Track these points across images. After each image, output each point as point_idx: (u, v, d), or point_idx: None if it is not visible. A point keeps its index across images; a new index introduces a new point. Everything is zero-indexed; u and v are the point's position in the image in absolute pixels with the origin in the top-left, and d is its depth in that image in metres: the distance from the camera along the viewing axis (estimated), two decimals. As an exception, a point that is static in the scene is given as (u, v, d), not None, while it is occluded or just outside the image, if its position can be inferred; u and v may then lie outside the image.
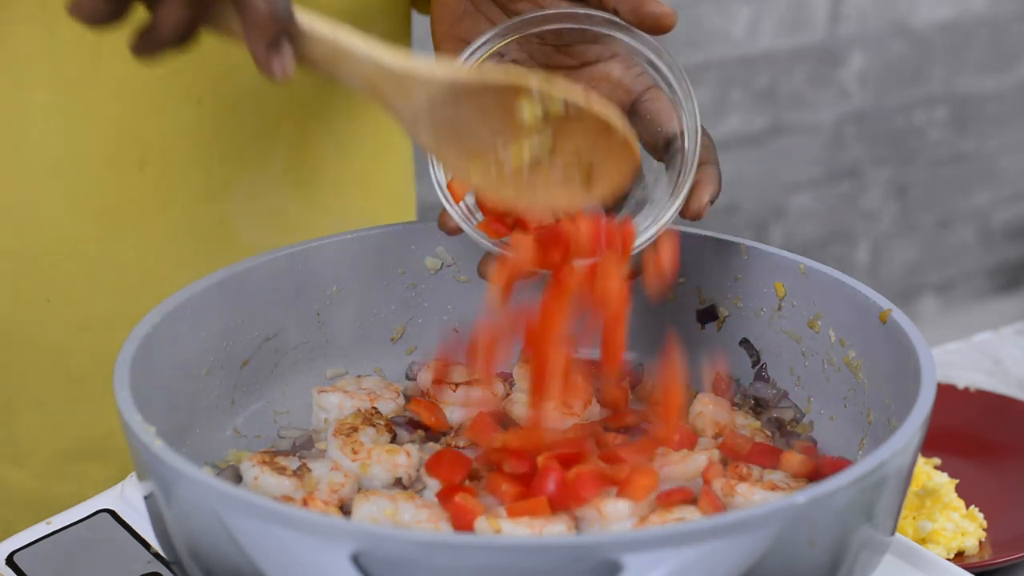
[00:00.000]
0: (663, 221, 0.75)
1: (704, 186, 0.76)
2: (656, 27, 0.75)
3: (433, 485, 0.74)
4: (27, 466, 0.95)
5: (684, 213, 0.76)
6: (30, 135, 0.88)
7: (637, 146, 0.73)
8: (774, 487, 0.74)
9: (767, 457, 0.77)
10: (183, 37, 0.68)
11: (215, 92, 0.90)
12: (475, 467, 0.75)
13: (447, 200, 0.77)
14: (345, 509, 0.74)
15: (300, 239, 0.86)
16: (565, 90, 0.71)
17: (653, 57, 0.77)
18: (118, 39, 0.87)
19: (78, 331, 0.93)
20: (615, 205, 0.79)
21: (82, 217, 0.90)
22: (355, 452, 0.77)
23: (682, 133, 0.76)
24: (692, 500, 0.73)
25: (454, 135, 0.71)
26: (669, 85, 0.76)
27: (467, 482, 0.74)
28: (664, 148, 0.77)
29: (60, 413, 0.94)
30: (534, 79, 0.71)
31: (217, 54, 0.89)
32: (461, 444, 0.79)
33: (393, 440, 0.79)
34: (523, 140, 0.72)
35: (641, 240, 0.76)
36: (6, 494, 0.96)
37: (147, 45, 0.69)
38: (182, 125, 0.90)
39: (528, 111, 0.71)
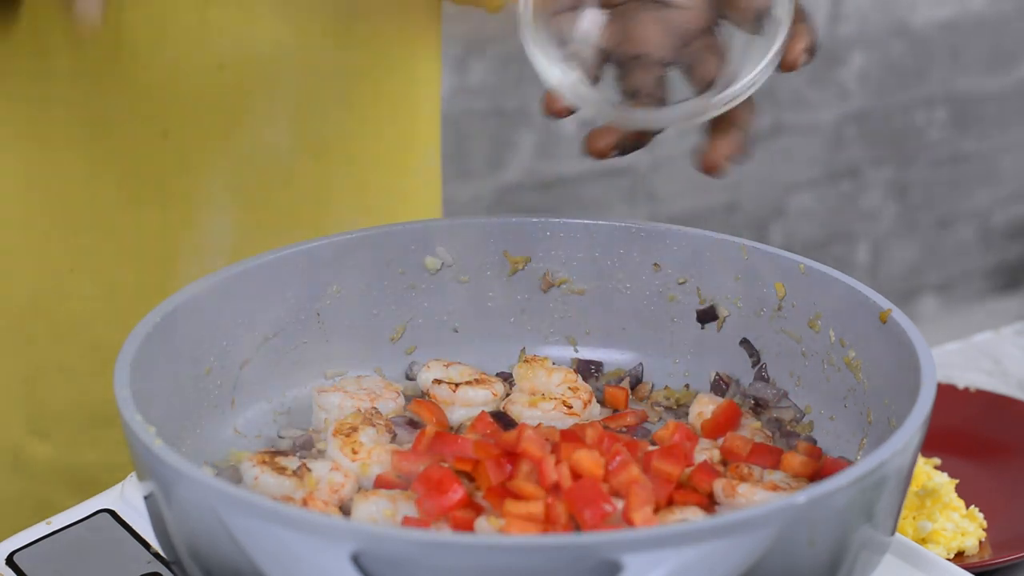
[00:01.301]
0: (762, 65, 0.75)
1: (798, 39, 0.77)
2: None
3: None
4: (53, 436, 0.96)
5: (781, 65, 0.76)
6: (52, 101, 0.88)
7: None
8: (775, 487, 0.74)
9: (768, 457, 0.77)
10: None
11: (236, 58, 0.91)
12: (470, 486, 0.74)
13: (541, 63, 0.77)
14: (345, 509, 0.74)
15: (314, 209, 0.85)
16: None
17: None
18: (138, 6, 0.87)
19: (102, 299, 0.94)
20: (703, 89, 0.79)
21: (104, 184, 0.91)
22: (355, 452, 0.77)
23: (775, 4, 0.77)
24: (703, 503, 0.72)
25: None
26: None
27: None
28: (756, 20, 0.78)
29: (85, 381, 0.95)
30: None
31: (238, 20, 0.90)
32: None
33: (393, 440, 0.79)
34: None
35: (740, 86, 0.75)
36: (35, 467, 0.96)
37: None
38: (204, 92, 0.91)
39: None
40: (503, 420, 0.81)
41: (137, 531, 0.77)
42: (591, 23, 0.80)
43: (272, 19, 0.91)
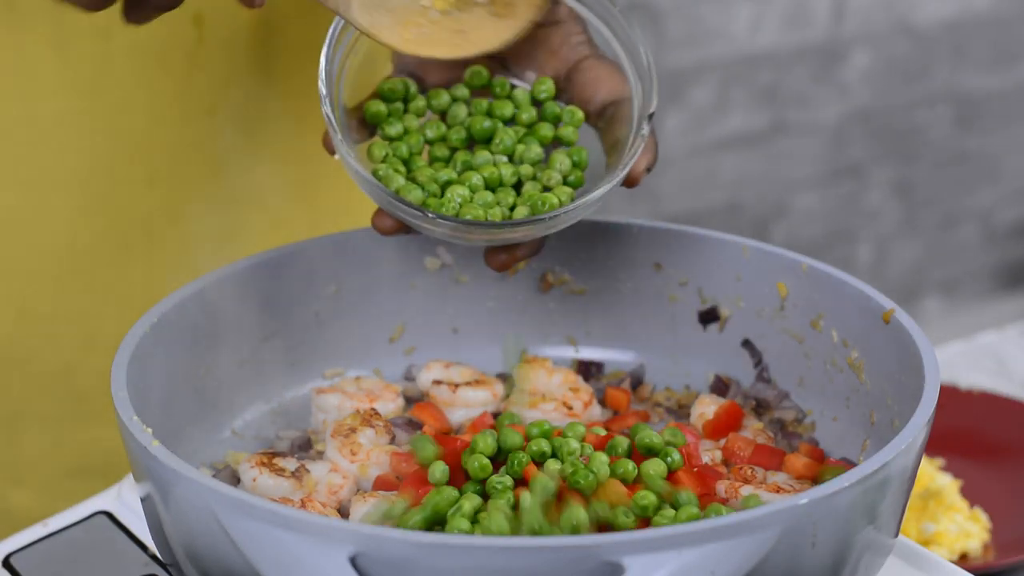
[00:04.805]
0: (609, 186, 0.75)
1: (644, 154, 0.76)
2: None
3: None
4: (29, 484, 0.94)
5: (625, 182, 0.76)
6: (37, 147, 0.87)
7: None
8: (779, 489, 0.73)
9: (770, 459, 0.76)
10: None
11: (225, 103, 0.90)
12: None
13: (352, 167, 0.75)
14: (343, 511, 0.74)
15: None
16: None
17: (598, 23, 0.77)
18: (129, 50, 0.86)
19: (83, 348, 0.92)
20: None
21: (89, 232, 0.89)
22: (354, 453, 0.76)
23: (622, 102, 0.76)
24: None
25: (381, 4, 0.74)
26: (629, 53, 0.77)
27: None
28: (598, 115, 0.77)
29: (64, 431, 0.93)
30: None
31: (228, 64, 0.88)
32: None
33: (392, 441, 0.79)
34: None
35: (586, 201, 0.74)
36: (8, 515, 0.94)
37: (140, 7, 0.69)
38: (192, 137, 0.90)
39: None
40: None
41: (134, 533, 0.77)
42: None
43: (259, 58, 0.90)
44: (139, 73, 0.87)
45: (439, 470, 0.71)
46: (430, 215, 0.73)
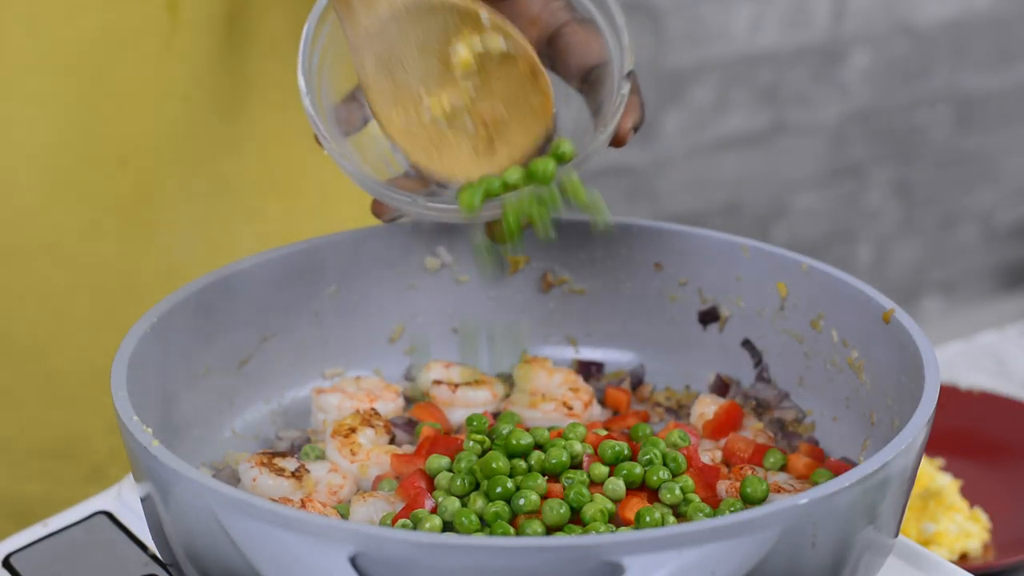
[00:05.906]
0: (594, 147, 0.75)
1: (628, 113, 0.76)
2: None
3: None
4: (1, 463, 0.94)
5: (612, 142, 0.76)
6: (6, 123, 0.87)
7: (553, 103, 0.74)
8: (779, 489, 0.73)
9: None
10: None
11: (200, 90, 0.90)
12: None
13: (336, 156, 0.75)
14: (343, 511, 0.74)
15: (279, 241, 0.85)
16: (510, 30, 0.74)
17: None
18: (100, 32, 0.86)
19: (55, 327, 0.91)
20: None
21: (60, 212, 0.89)
22: (353, 453, 0.76)
23: (605, 64, 0.76)
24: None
25: (390, 70, 0.74)
26: (603, 13, 0.77)
27: None
28: (583, 79, 0.77)
29: (34, 411, 0.93)
30: (484, 9, 0.74)
31: (203, 51, 0.88)
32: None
33: (392, 441, 0.79)
34: (448, 89, 0.75)
35: (574, 163, 0.75)
36: None
37: None
38: (166, 123, 0.89)
39: (465, 50, 0.73)
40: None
41: (134, 533, 0.77)
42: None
43: (236, 46, 0.90)
44: (110, 56, 0.87)
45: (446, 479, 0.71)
46: (419, 201, 0.74)
